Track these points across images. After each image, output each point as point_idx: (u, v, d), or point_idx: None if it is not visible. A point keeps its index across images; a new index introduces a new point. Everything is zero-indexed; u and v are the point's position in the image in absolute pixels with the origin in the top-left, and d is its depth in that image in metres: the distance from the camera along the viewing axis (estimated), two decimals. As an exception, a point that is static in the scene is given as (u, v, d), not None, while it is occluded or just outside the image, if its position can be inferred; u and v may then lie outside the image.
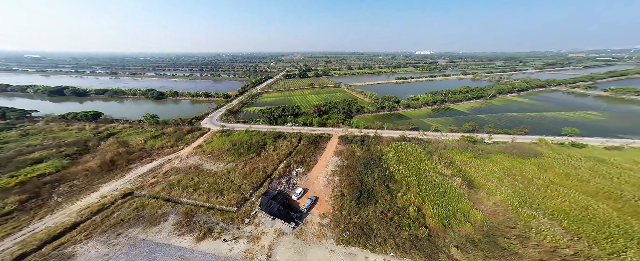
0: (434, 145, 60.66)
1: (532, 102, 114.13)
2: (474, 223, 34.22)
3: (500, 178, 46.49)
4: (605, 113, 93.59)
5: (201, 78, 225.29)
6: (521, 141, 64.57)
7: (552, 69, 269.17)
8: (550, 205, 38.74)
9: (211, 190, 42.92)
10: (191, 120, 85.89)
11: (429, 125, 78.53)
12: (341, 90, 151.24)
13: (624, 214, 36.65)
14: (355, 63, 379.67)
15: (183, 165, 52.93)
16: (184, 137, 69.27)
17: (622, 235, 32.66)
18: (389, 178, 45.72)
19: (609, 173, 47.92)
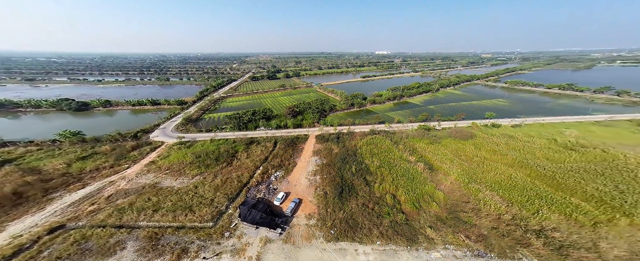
0: (398, 136, 64.67)
1: (463, 93, 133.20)
2: (438, 202, 37.40)
3: (451, 159, 52.20)
4: (508, 100, 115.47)
5: (143, 84, 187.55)
6: (460, 126, 74.30)
7: (472, 67, 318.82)
8: (487, 178, 44.44)
9: (177, 208, 36.58)
10: (136, 134, 69.92)
11: (393, 118, 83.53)
12: (314, 90, 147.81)
13: (532, 178, 44.60)
14: (325, 63, 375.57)
15: (133, 185, 43.66)
16: (128, 155, 56.62)
17: (535, 196, 39.28)
18: (366, 171, 46.50)
19: (517, 146, 58.32)
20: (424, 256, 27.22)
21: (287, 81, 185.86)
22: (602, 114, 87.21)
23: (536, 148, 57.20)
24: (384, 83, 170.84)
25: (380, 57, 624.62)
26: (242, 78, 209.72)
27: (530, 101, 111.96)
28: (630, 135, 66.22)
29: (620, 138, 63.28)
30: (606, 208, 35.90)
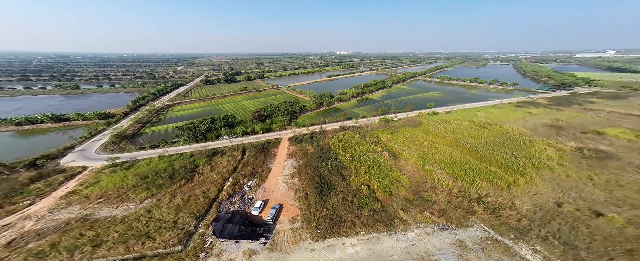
0: (364, 130, 67.11)
1: (410, 88, 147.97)
2: (405, 186, 40.39)
3: (408, 145, 57.15)
4: (440, 92, 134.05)
5: (31, 94, 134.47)
6: (411, 116, 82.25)
7: (414, 65, 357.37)
8: (436, 159, 49.90)
9: (129, 238, 29.67)
10: (34, 162, 50.33)
11: (358, 114, 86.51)
12: (281, 91, 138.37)
13: (464, 154, 51.80)
14: (290, 64, 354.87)
15: (48, 223, 33.28)
16: (25, 189, 41.90)
17: (469, 169, 45.43)
18: (340, 166, 46.57)
19: (451, 128, 67.58)
20: (402, 237, 28.93)
21: (250, 84, 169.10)
22: (495, 100, 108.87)
23: (463, 129, 67.55)
24: (347, 82, 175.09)
25: (341, 57, 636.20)
26: (192, 82, 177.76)
27: (454, 92, 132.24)
28: (512, 113, 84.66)
29: (507, 117, 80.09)
30: (510, 171, 44.28)
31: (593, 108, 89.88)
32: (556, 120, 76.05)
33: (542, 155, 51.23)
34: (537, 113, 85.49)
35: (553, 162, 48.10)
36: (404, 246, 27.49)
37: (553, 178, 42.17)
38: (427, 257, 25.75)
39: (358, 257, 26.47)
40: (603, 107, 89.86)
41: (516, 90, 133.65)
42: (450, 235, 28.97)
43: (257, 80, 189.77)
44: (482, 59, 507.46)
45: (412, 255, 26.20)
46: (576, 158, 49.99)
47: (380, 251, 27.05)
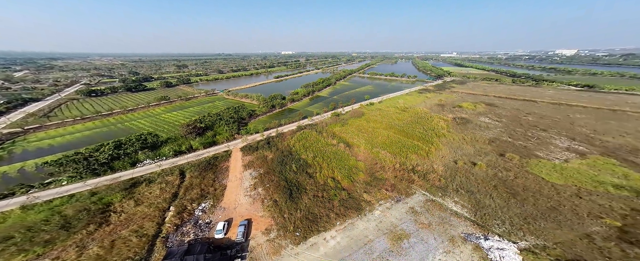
0: (320, 126, 67.18)
1: (350, 84, 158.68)
2: (362, 170, 43.51)
3: (357, 134, 61.42)
4: (372, 85, 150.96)
5: None
6: (355, 108, 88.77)
7: (350, 63, 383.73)
8: (379, 141, 55.53)
9: None
10: None
11: (312, 112, 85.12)
12: (219, 97, 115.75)
13: (396, 134, 60.15)
14: (226, 65, 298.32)
15: None
16: None
17: (402, 146, 52.80)
18: (305, 165, 45.04)
19: (385, 114, 77.28)
20: (371, 217, 31.14)
21: (171, 91, 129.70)
22: (406, 89, 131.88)
23: (391, 114, 78.35)
24: (296, 82, 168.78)
25: (287, 57, 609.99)
26: (59, 95, 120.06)
27: (381, 85, 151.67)
28: (418, 98, 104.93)
29: (415, 101, 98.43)
30: (426, 142, 54.73)
31: (455, 90, 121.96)
32: (440, 101, 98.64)
33: (438, 126, 65.44)
34: (430, 96, 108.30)
35: (444, 130, 62.44)
36: (375, 225, 29.73)
37: (447, 142, 54.82)
38: (394, 229, 28.76)
39: (340, 247, 26.72)
40: (459, 90, 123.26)
41: (417, 81, 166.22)
42: (403, 205, 33.27)
43: (182, 87, 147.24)
44: (394, 57, 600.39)
45: (382, 230, 28.67)
46: (454, 125, 66.76)
47: (357, 235, 28.27)
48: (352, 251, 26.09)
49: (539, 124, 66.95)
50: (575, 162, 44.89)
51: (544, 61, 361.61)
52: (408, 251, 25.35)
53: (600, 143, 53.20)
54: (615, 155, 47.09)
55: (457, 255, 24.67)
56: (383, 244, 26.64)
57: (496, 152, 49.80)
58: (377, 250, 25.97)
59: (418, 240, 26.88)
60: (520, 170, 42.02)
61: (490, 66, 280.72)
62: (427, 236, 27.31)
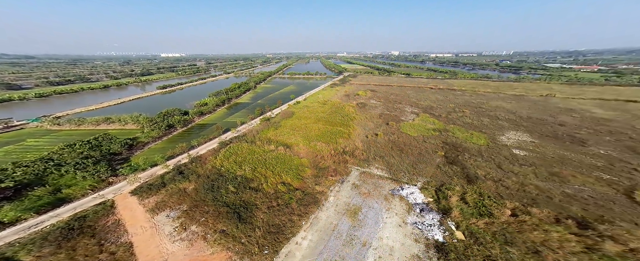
0: (250, 135, 59.99)
1: (272, 86, 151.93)
2: (307, 166, 44.38)
3: (293, 133, 61.16)
4: (294, 85, 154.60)
5: None
6: (284, 109, 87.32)
7: (267, 65, 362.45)
8: (313, 135, 58.18)
9: None
10: None
11: (235, 122, 73.17)
12: (36, 131, 68.48)
13: (325, 125, 65.58)
14: (30, 76, 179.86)
15: None
16: None
17: (332, 134, 58.45)
18: (245, 181, 39.31)
19: (311, 110, 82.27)
20: (328, 204, 33.08)
21: None
22: (322, 85, 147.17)
23: (317, 109, 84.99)
24: (198, 91, 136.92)
25: (173, 60, 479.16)
26: None
27: (302, 84, 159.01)
28: (331, 92, 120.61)
29: (330, 95, 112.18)
30: (345, 127, 64.15)
31: (352, 83, 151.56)
32: (346, 92, 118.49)
33: (349, 112, 78.93)
34: (338, 89, 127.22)
35: (354, 114, 76.53)
36: (333, 210, 31.76)
37: (358, 123, 67.86)
38: (348, 207, 32.12)
39: (314, 243, 26.52)
40: (354, 82, 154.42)
41: (327, 77, 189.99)
42: (347, 183, 37.80)
43: None
44: (306, 57, 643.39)
45: (340, 212, 31.25)
46: (358, 109, 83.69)
47: (324, 226, 29.11)
48: (325, 241, 26.66)
49: (397, 100, 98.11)
50: (416, 119, 70.65)
51: (406, 60, 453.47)
52: (365, 221, 29.43)
53: (421, 106, 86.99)
54: (427, 112, 78.78)
55: (394, 208, 31.66)
56: (346, 223, 29.23)
57: (384, 122, 67.94)
58: (343, 231, 28.08)
59: (367, 208, 31.86)
60: (398, 132, 59.98)
61: (366, 62, 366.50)
62: (371, 202, 32.95)
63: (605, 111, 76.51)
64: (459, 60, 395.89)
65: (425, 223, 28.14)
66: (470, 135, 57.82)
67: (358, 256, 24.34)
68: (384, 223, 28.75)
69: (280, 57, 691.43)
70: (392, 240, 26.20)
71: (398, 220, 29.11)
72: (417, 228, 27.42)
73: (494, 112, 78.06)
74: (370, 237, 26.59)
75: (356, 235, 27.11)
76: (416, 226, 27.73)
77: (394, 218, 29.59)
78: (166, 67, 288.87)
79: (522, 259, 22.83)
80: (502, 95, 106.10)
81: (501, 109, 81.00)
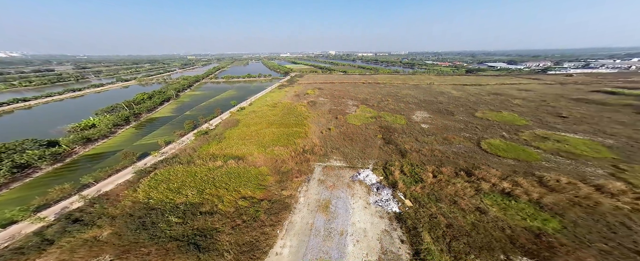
0: (185, 155, 48.08)
1: (203, 92, 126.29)
2: (268, 174, 40.94)
3: (243, 143, 54.79)
4: (234, 89, 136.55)
5: None
6: (225, 118, 75.59)
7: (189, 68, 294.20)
8: (267, 141, 54.69)
9: None
10: None
11: (155, 143, 55.12)
12: None
13: (278, 127, 63.12)
14: None
15: None
16: None
17: (287, 135, 56.96)
18: (193, 209, 31.45)
19: (260, 115, 76.55)
20: (300, 206, 32.08)
21: None
22: (268, 88, 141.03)
23: (266, 112, 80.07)
24: (71, 108, 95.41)
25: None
26: None
27: (243, 88, 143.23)
28: (280, 93, 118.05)
29: (279, 97, 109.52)
30: (300, 126, 63.81)
31: (300, 83, 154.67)
32: (295, 92, 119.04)
33: (302, 111, 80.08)
34: (288, 90, 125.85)
35: (306, 113, 78.38)
36: (306, 210, 30.98)
37: (312, 121, 69.89)
38: (319, 203, 32.21)
39: (295, 248, 25.02)
40: (302, 82, 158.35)
41: (273, 79, 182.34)
42: (313, 181, 38.02)
43: None
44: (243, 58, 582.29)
45: (313, 210, 31.03)
46: (309, 107, 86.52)
47: (301, 228, 27.94)
48: (306, 242, 25.77)
49: (340, 95, 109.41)
50: (358, 110, 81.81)
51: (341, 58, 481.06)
52: (337, 212, 30.43)
53: (359, 99, 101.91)
54: (364, 103, 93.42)
55: (357, 193, 34.65)
56: (321, 219, 29.18)
57: (334, 117, 73.92)
58: (320, 227, 27.97)
59: (336, 199, 33.19)
60: (346, 123, 67.01)
61: (310, 62, 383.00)
62: (338, 193, 34.58)
63: (457, 92, 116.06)
64: (378, 58, 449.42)
65: (383, 199, 32.71)
66: (395, 118, 72.34)
67: (339, 246, 25.10)
68: (352, 209, 31.03)
69: (209, 58, 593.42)
70: (363, 222, 28.67)
71: (363, 203, 32.24)
72: (379, 206, 31.44)
73: (405, 98, 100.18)
74: (345, 225, 27.98)
75: (332, 227, 27.81)
76: (377, 204, 31.74)
77: (359, 202, 32.51)
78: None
79: (449, 210, 30.12)
80: (407, 85, 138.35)
81: (409, 96, 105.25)
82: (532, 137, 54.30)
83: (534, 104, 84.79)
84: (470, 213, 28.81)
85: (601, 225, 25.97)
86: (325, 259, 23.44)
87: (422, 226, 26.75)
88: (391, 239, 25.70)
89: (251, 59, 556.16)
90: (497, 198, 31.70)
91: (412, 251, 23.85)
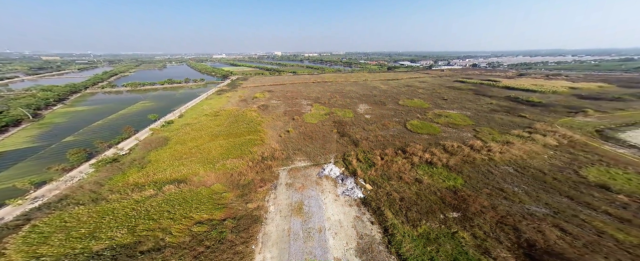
0: (84, 193, 32.54)
1: (93, 107, 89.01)
2: (224, 190, 34.72)
3: (181, 163, 44.32)
4: (147, 100, 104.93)
5: None
6: (144, 137, 57.13)
7: (47, 73, 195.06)
8: (215, 155, 46.56)
9: None
10: None
11: (13, 189, 33.17)
12: None
13: (227, 139, 55.11)
14: None
15: None
16: None
17: (238, 145, 51.06)
18: (127, 252, 22.83)
19: (198, 127, 64.35)
20: (271, 215, 29.31)
21: None
22: (202, 94, 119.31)
23: (207, 123, 68.25)
24: None
25: None
26: None
27: (162, 97, 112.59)
28: (220, 99, 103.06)
29: (220, 103, 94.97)
30: (254, 133, 58.25)
31: (245, 86, 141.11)
32: (240, 97, 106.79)
33: (253, 117, 73.18)
34: (230, 95, 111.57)
35: (259, 118, 72.26)
36: (279, 218, 28.87)
37: (267, 125, 65.81)
38: (291, 207, 30.74)
39: (277, 258, 23.11)
40: (247, 85, 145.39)
41: (208, 84, 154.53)
42: (280, 186, 35.85)
43: None
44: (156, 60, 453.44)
45: (287, 216, 29.16)
46: (262, 112, 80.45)
47: (277, 237, 25.66)
48: (287, 249, 24.15)
49: (293, 96, 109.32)
50: (312, 109, 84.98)
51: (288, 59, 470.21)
52: (311, 211, 29.94)
53: (311, 98, 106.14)
54: (317, 101, 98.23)
55: (326, 188, 35.49)
56: (297, 222, 27.87)
57: (290, 118, 72.83)
58: (298, 231, 26.75)
59: (307, 198, 32.65)
60: (304, 123, 67.81)
61: (254, 64, 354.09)
62: (308, 192, 34.15)
63: (384, 86, 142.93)
64: (322, 58, 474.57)
65: (348, 188, 35.34)
66: (344, 112, 79.91)
67: (321, 242, 24.99)
68: (325, 204, 31.63)
69: (91, 60, 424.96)
70: (336, 214, 29.78)
71: (333, 196, 33.54)
72: (347, 195, 33.70)
73: (349, 94, 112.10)
74: (321, 222, 28.07)
75: (310, 226, 27.29)
76: (345, 194, 33.95)
77: (329, 196, 33.59)
78: None
79: (398, 185, 35.70)
80: (349, 82, 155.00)
81: (352, 92, 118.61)
82: (433, 115, 75.28)
83: (429, 92, 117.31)
84: (412, 184, 35.55)
85: (480, 174, 35.33)
86: (310, 259, 22.75)
87: (383, 205, 30.77)
88: (363, 223, 28.14)
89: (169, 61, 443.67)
90: (425, 168, 40.83)
91: (382, 230, 26.94)
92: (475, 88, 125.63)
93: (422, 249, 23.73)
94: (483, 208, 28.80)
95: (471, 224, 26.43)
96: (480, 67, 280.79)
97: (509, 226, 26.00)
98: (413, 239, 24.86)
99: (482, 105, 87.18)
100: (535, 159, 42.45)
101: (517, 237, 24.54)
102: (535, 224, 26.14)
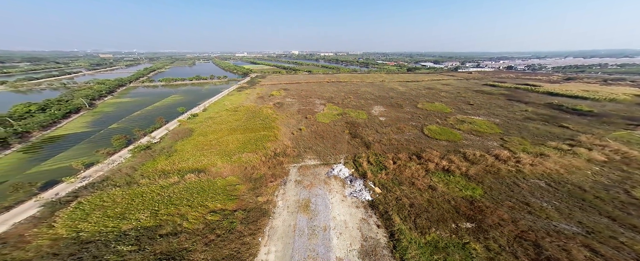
0: (120, 176, 37.69)
1: (134, 99, 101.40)
2: (239, 182, 37.20)
3: (203, 153, 48.11)
4: (179, 94, 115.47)
5: None
6: (172, 128, 63.48)
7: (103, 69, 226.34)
8: (232, 148, 49.67)
9: None
10: None
11: (69, 168, 40.52)
12: None
13: (243, 132, 57.98)
14: None
15: None
16: None
17: (253, 141, 53.14)
18: (148, 234, 25.87)
19: (219, 121, 68.76)
20: (279, 210, 30.52)
21: None
22: (225, 90, 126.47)
23: (227, 117, 72.66)
24: None
25: None
26: None
27: (191, 92, 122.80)
28: (240, 96, 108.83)
29: (240, 99, 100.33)
30: (269, 129, 60.42)
31: (263, 84, 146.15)
32: (258, 94, 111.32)
33: (269, 114, 76.26)
34: (249, 92, 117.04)
35: (274, 115, 74.84)
36: (286, 213, 29.92)
37: (281, 123, 67.84)
38: (299, 203, 31.80)
39: (281, 253, 23.85)
40: (264, 83, 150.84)
41: (230, 81, 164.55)
42: (289, 183, 37.13)
43: None
44: (187, 58, 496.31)
45: (293, 212, 30.14)
46: (277, 109, 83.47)
47: (284, 232, 26.64)
48: (291, 245, 24.92)
49: (307, 95, 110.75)
50: (325, 109, 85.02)
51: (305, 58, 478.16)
52: (318, 209, 30.63)
53: (325, 97, 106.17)
54: (330, 101, 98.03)
55: (334, 188, 35.79)
56: (303, 219, 28.74)
57: (303, 117, 74.14)
58: (304, 228, 27.50)
59: (315, 197, 33.39)
60: (316, 122, 68.47)
61: (272, 62, 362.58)
62: (316, 191, 34.86)
63: (402, 87, 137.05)
64: (338, 58, 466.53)
65: (356, 190, 35.17)
66: (358, 113, 78.64)
67: (324, 241, 25.46)
68: (331, 204, 32.02)
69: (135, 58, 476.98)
70: (342, 215, 29.92)
71: (340, 197, 33.74)
72: (354, 197, 33.59)
73: (364, 95, 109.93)
74: (327, 221, 28.57)
75: (315, 224, 27.92)
76: (353, 195, 33.88)
77: (336, 196, 33.87)
78: None
79: (409, 191, 34.42)
80: (364, 82, 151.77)
81: (367, 93, 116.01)
82: (455, 121, 70.15)
83: (453, 95, 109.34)
84: (425, 191, 34.07)
85: (504, 186, 33.19)
86: (313, 257, 23.43)
87: (391, 210, 30.06)
88: (369, 226, 27.90)
89: (198, 59, 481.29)
90: (441, 175, 38.62)
91: (388, 234, 26.45)
92: (509, 93, 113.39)
93: (428, 257, 22.75)
94: (501, 221, 26.63)
95: (485, 236, 24.57)
96: (517, 69, 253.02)
97: (529, 242, 23.64)
98: (420, 246, 23.96)
99: (515, 112, 78.56)
100: (575, 174, 37.40)
101: (536, 253, 22.19)
102: (561, 242, 23.37)
